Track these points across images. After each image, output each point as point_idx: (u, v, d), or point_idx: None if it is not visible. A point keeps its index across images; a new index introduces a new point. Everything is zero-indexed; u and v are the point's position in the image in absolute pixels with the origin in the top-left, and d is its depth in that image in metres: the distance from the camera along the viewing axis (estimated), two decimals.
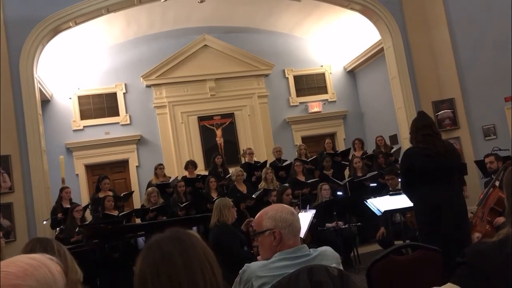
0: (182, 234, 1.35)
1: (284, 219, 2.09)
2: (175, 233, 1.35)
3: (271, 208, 2.21)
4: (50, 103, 10.73)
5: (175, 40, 11.46)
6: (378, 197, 5.82)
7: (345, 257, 6.45)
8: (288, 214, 2.12)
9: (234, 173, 8.09)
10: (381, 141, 9.14)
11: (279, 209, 2.16)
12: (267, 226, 2.11)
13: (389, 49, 9.53)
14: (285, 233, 2.08)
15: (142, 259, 1.30)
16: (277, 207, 2.21)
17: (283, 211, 2.14)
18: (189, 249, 1.29)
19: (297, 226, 2.13)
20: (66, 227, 6.90)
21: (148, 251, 1.30)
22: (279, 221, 2.09)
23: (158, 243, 1.31)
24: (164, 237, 1.33)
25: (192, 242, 1.32)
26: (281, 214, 2.11)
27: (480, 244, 1.47)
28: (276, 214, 2.12)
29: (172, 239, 1.31)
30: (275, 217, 2.11)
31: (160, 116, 11.32)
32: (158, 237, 1.34)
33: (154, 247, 1.30)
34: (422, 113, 4.37)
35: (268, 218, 2.13)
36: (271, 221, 2.11)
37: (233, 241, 4.85)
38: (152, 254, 1.29)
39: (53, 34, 8.25)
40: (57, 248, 2.03)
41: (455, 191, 4.00)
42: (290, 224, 2.09)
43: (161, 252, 1.28)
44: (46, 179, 7.80)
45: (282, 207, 2.20)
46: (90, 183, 10.76)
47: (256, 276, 1.97)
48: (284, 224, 2.08)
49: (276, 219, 2.11)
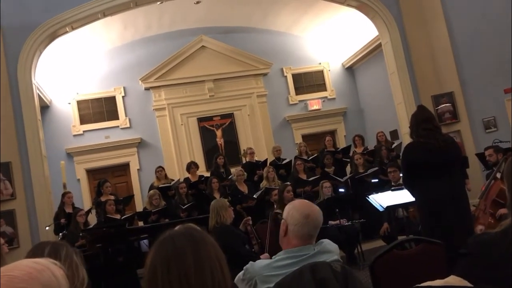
0: (196, 231, 1.36)
1: (294, 217, 2.09)
2: (189, 229, 1.36)
3: (296, 201, 2.23)
4: (49, 109, 10.73)
5: (172, 42, 11.46)
6: (380, 192, 5.81)
7: (349, 254, 6.45)
8: (300, 215, 2.09)
9: (235, 173, 8.10)
10: (382, 137, 9.13)
11: (297, 206, 2.15)
12: (284, 215, 2.16)
13: (387, 44, 9.52)
14: (291, 230, 2.08)
15: (154, 252, 1.31)
16: (299, 204, 2.18)
17: (299, 209, 2.12)
18: (201, 247, 1.30)
19: (304, 230, 2.07)
20: (69, 232, 6.89)
21: (162, 245, 1.31)
22: (290, 216, 2.11)
23: (172, 237, 1.32)
24: (178, 233, 1.34)
25: (205, 240, 1.33)
26: (295, 211, 2.11)
27: (482, 235, 1.47)
28: (293, 208, 2.13)
29: (186, 235, 1.32)
30: (289, 210, 2.13)
31: (160, 119, 11.32)
32: (173, 232, 1.35)
33: (168, 241, 1.31)
34: (422, 107, 4.36)
35: (287, 208, 2.16)
36: (286, 212, 2.14)
37: (235, 241, 4.84)
38: (165, 248, 1.29)
39: (50, 39, 8.25)
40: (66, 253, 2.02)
41: (457, 184, 3.99)
42: (297, 224, 2.07)
43: (174, 247, 1.29)
44: (48, 184, 7.81)
45: (302, 206, 2.15)
46: (91, 188, 10.76)
47: (260, 276, 1.97)
48: (292, 221, 2.09)
49: (289, 213, 2.12)
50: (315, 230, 2.10)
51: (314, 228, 2.10)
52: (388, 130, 10.39)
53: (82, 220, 7.05)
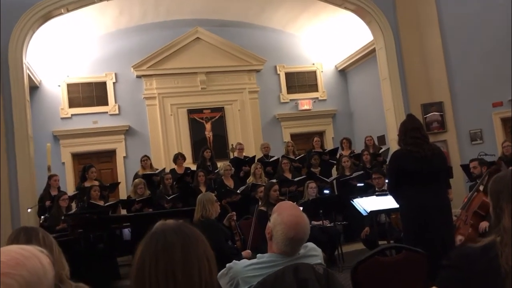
0: (188, 228, 1.34)
1: (278, 233, 1.98)
2: (181, 225, 1.34)
3: (285, 213, 2.02)
4: (38, 90, 10.60)
5: (167, 31, 11.38)
6: (364, 197, 5.87)
7: (329, 255, 6.49)
8: (285, 236, 1.96)
9: (222, 168, 8.09)
10: (371, 141, 9.21)
11: (285, 221, 1.98)
12: (271, 221, 2.04)
13: (381, 50, 9.58)
14: (274, 241, 2.01)
15: (144, 244, 1.29)
16: (287, 219, 1.98)
17: (284, 229, 1.96)
18: (191, 244, 1.29)
19: (287, 249, 1.97)
20: (51, 216, 6.84)
21: (152, 238, 1.30)
22: (275, 230, 2.00)
23: (163, 231, 1.31)
24: (170, 227, 1.32)
25: (195, 237, 1.32)
26: (280, 228, 1.97)
27: (466, 248, 1.49)
28: (281, 223, 1.98)
29: (177, 231, 1.31)
30: (276, 223, 2.00)
31: (150, 107, 11.26)
32: (165, 226, 1.33)
33: (158, 235, 1.30)
34: (411, 116, 4.41)
35: (275, 216, 2.03)
36: (273, 220, 2.03)
37: (218, 236, 4.85)
38: (155, 242, 1.28)
39: (44, 20, 8.15)
40: (43, 238, 2.00)
41: (441, 194, 4.05)
42: (280, 242, 1.98)
43: (164, 241, 1.27)
44: (32, 166, 7.73)
45: (289, 224, 1.97)
46: (76, 172, 10.67)
47: (243, 276, 1.96)
48: (276, 235, 1.99)
49: (275, 225, 2.01)
50: (299, 246, 2.03)
51: (299, 245, 2.03)
52: (376, 135, 10.47)
53: (65, 204, 7.00)
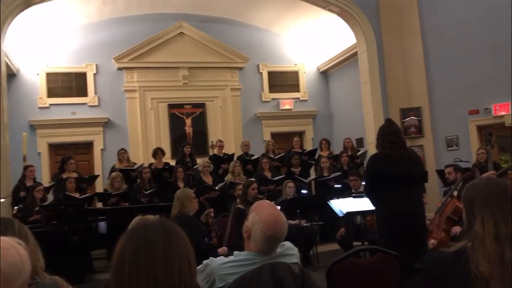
0: (170, 224, 1.33)
1: (256, 232, 1.99)
2: (163, 223, 1.33)
3: (264, 213, 2.02)
4: (16, 78, 10.39)
5: (151, 24, 11.28)
6: (341, 198, 5.93)
7: (304, 255, 6.55)
8: (263, 235, 1.97)
9: (201, 164, 8.07)
10: (349, 143, 9.29)
11: (264, 219, 1.99)
12: (249, 220, 2.04)
13: (363, 54, 9.69)
14: (252, 240, 2.02)
15: (125, 240, 1.27)
16: (266, 219, 1.99)
17: (263, 228, 1.97)
18: (172, 242, 1.27)
19: (265, 247, 1.99)
20: (25, 206, 6.72)
21: (133, 234, 1.28)
22: (253, 229, 2.01)
23: (144, 228, 1.28)
24: (152, 224, 1.30)
25: (177, 236, 1.31)
26: (258, 227, 1.98)
27: (438, 253, 1.54)
28: (259, 222, 1.99)
29: (159, 228, 1.29)
30: (254, 222, 2.01)
31: (130, 100, 11.15)
32: (146, 222, 1.31)
33: (140, 232, 1.28)
34: (390, 121, 4.48)
35: (253, 216, 2.04)
36: (251, 219, 2.03)
37: (195, 233, 4.84)
38: (136, 238, 1.26)
39: (25, 6, 7.99)
40: (19, 229, 1.98)
41: (415, 198, 4.13)
42: (257, 241, 1.99)
43: (145, 238, 1.25)
44: (6, 155, 7.57)
45: (268, 224, 1.98)
46: (52, 163, 10.51)
47: (219, 274, 1.97)
48: (254, 234, 2.00)
49: (254, 224, 2.01)
50: (276, 245, 2.05)
51: (276, 244, 2.04)
52: (354, 137, 10.59)
53: (39, 195, 6.89)
